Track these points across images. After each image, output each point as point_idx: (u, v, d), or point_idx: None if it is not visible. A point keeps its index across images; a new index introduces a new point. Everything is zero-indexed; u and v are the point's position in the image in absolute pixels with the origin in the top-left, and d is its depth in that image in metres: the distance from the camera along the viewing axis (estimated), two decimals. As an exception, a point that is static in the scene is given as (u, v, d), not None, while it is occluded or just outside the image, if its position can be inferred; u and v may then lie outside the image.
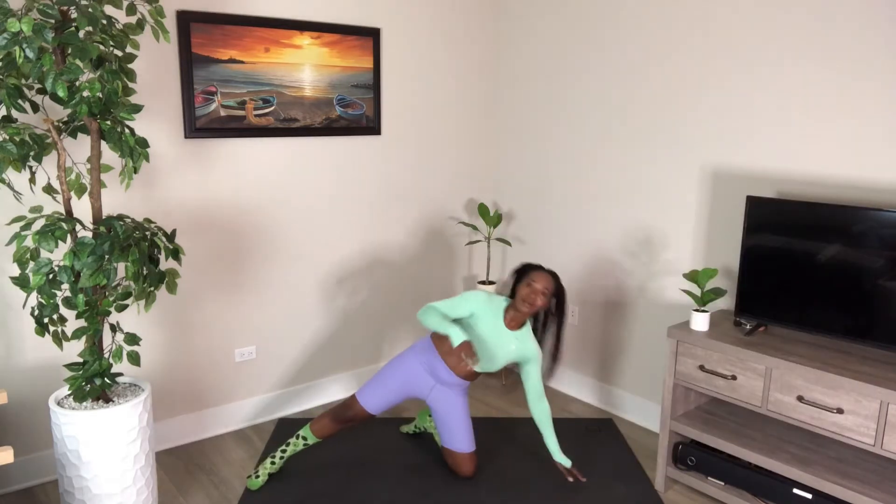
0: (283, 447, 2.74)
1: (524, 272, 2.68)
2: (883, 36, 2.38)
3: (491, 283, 3.74)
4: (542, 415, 2.72)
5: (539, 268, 2.67)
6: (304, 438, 2.73)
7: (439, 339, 2.75)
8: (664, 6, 3.02)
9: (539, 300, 2.59)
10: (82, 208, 2.65)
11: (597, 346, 3.54)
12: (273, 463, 2.74)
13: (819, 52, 2.55)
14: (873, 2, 2.40)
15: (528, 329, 2.71)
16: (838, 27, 2.49)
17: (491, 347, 2.66)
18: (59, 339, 2.24)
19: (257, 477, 2.70)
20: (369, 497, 2.66)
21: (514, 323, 2.67)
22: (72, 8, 2.04)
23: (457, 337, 2.48)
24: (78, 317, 2.16)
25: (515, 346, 2.67)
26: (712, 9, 2.85)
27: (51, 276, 2.12)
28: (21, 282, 2.11)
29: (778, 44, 2.66)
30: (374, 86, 3.42)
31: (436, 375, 2.73)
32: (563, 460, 2.74)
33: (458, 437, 2.76)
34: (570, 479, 2.73)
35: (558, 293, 2.68)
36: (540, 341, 2.77)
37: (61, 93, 1.98)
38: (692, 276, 2.67)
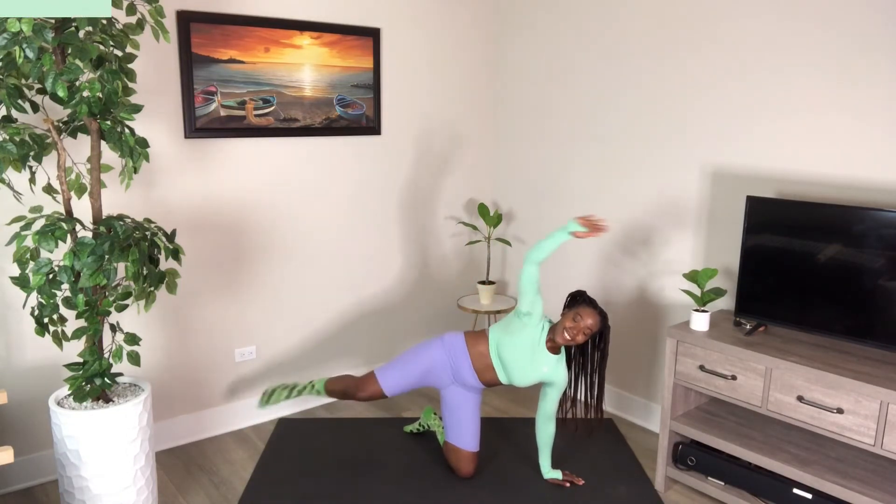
0: (301, 388, 2.91)
1: (576, 301, 2.62)
2: (882, 36, 2.38)
3: (491, 283, 3.74)
4: (546, 436, 2.74)
5: (591, 303, 2.60)
6: (319, 392, 2.88)
7: (473, 339, 2.73)
8: (664, 7, 3.02)
9: (580, 337, 2.54)
10: (82, 208, 2.64)
11: (597, 346, 3.54)
12: (287, 397, 2.91)
13: (819, 52, 2.55)
14: (873, 3, 2.40)
15: (563, 356, 2.67)
16: (838, 27, 2.49)
17: (525, 363, 2.62)
18: (59, 339, 2.24)
19: (267, 402, 2.91)
20: (369, 497, 2.66)
21: (551, 346, 2.63)
22: (72, 8, 2.04)
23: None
24: (78, 317, 2.16)
25: (548, 369, 2.63)
26: (712, 9, 2.85)
27: (51, 276, 2.12)
28: (21, 282, 2.11)
29: (778, 43, 2.66)
30: (374, 86, 3.42)
31: (458, 374, 2.72)
32: (554, 475, 2.76)
33: (465, 434, 2.76)
34: (568, 485, 2.74)
35: (603, 331, 2.62)
36: (572, 369, 2.72)
37: (61, 93, 1.98)
38: (692, 276, 2.67)
